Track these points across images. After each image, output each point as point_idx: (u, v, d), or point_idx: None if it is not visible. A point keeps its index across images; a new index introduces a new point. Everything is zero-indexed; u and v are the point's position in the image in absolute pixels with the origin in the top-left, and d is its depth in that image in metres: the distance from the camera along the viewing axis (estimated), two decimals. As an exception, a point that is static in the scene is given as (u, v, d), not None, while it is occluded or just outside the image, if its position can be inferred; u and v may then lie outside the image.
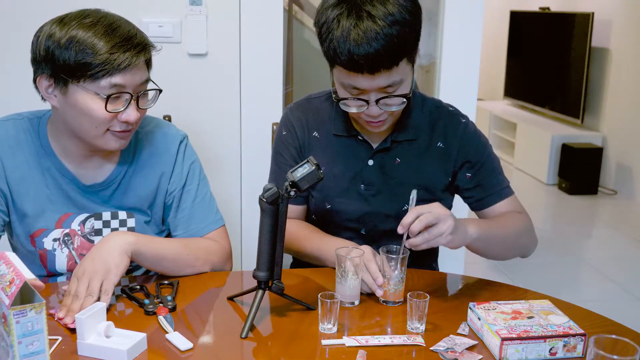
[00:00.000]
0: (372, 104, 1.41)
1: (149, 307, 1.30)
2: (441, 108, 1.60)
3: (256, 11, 2.45)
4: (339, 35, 1.33)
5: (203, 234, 1.55)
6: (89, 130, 1.38)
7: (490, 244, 1.50)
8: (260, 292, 1.29)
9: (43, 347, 1.03)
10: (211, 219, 1.57)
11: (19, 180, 1.46)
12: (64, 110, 1.38)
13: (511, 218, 1.58)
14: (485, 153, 1.59)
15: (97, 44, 1.31)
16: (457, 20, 2.58)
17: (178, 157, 1.55)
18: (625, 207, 4.87)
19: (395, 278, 1.35)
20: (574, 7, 5.62)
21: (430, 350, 1.20)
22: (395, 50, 1.34)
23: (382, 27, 1.31)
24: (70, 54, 1.31)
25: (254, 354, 1.21)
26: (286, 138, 1.62)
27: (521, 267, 3.63)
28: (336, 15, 1.34)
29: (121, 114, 1.37)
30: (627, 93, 5.01)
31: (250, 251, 2.63)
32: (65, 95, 1.35)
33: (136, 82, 1.37)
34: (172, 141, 1.56)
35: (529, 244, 1.62)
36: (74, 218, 1.50)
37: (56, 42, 1.31)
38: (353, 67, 1.35)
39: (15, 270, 1.02)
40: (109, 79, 1.32)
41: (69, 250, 1.50)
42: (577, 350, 1.19)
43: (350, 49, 1.32)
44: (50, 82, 1.36)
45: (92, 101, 1.34)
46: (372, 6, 1.32)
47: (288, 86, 2.97)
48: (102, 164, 1.49)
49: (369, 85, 1.38)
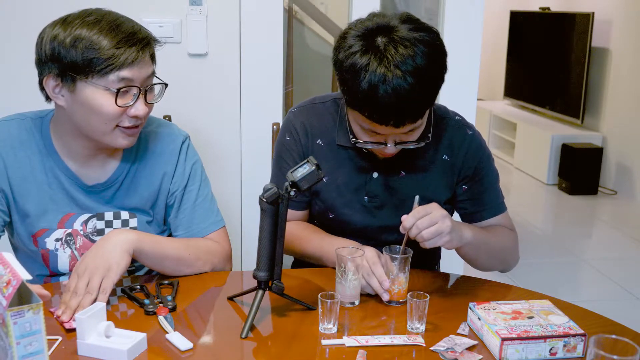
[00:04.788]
0: (390, 146, 1.40)
1: (149, 307, 1.30)
2: (448, 119, 1.56)
3: (256, 11, 2.45)
4: (366, 89, 1.29)
5: (204, 234, 1.55)
6: (98, 127, 1.38)
7: (480, 251, 1.50)
8: (260, 292, 1.29)
9: (42, 347, 1.03)
10: (212, 220, 1.57)
11: (21, 180, 1.46)
12: (72, 108, 1.38)
13: (502, 232, 1.58)
14: (486, 167, 1.57)
15: (102, 40, 1.32)
16: (457, 20, 2.58)
17: (180, 157, 1.55)
18: (625, 207, 4.87)
19: (399, 278, 1.35)
20: (574, 7, 5.62)
21: (430, 350, 1.20)
22: (422, 105, 1.33)
23: (411, 85, 1.27)
24: (76, 53, 1.31)
25: (254, 354, 1.21)
26: (289, 144, 1.59)
27: (521, 267, 3.61)
28: (363, 65, 1.29)
29: (130, 108, 1.37)
30: (627, 93, 5.01)
31: (250, 251, 2.62)
32: (74, 93, 1.35)
33: (143, 76, 1.38)
34: (174, 141, 1.56)
35: (512, 261, 1.62)
36: (76, 218, 1.50)
37: (61, 43, 1.32)
38: (378, 120, 1.32)
39: (12, 271, 1.01)
40: (117, 73, 1.33)
41: (71, 250, 1.50)
42: (577, 350, 1.19)
43: (377, 105, 1.29)
44: (57, 82, 1.36)
45: (101, 96, 1.34)
46: (399, 58, 1.28)
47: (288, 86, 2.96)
48: (105, 163, 1.49)
49: (391, 132, 1.37)
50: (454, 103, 1.64)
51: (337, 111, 1.57)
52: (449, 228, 1.32)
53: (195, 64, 2.45)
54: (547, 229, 4.56)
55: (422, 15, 2.98)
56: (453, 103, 1.64)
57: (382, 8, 2.70)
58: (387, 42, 1.30)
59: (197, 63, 2.45)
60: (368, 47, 1.30)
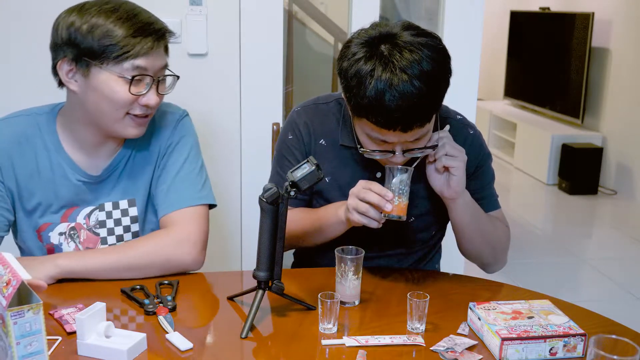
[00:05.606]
0: (398, 154, 1.40)
1: (149, 307, 1.30)
2: (449, 120, 1.56)
3: (256, 11, 2.45)
4: (373, 95, 1.29)
5: (177, 208, 1.48)
6: (109, 114, 1.39)
7: (473, 223, 1.51)
8: (260, 292, 1.29)
9: (42, 347, 1.03)
10: (190, 194, 1.49)
11: (28, 177, 1.46)
12: (85, 94, 1.38)
13: (496, 221, 1.59)
14: (486, 166, 1.59)
15: (119, 29, 1.33)
16: (457, 20, 2.58)
17: (173, 130, 1.54)
18: (625, 207, 4.87)
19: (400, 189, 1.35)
20: (574, 7, 5.62)
21: (430, 350, 1.20)
22: (430, 109, 1.33)
23: (418, 89, 1.28)
24: (93, 39, 1.33)
25: (254, 354, 1.21)
26: (292, 142, 1.59)
27: (521, 267, 3.63)
28: (368, 71, 1.29)
29: (142, 97, 1.39)
30: (627, 93, 5.01)
31: (250, 251, 2.62)
32: (87, 77, 1.36)
33: (157, 66, 1.39)
34: (170, 119, 1.55)
35: (500, 255, 1.61)
36: (80, 211, 1.50)
37: (77, 30, 1.33)
38: (385, 126, 1.32)
39: (12, 271, 1.01)
40: (132, 62, 1.35)
41: (75, 244, 1.50)
42: (577, 350, 1.19)
43: (385, 110, 1.29)
44: (71, 67, 1.37)
45: (115, 83, 1.36)
46: (405, 62, 1.28)
47: (288, 86, 2.97)
48: (112, 152, 1.50)
49: (399, 139, 1.36)
50: (454, 103, 1.64)
51: (340, 111, 1.57)
52: (464, 162, 1.41)
53: (195, 64, 2.45)
54: (547, 229, 4.56)
55: (422, 15, 2.99)
56: (453, 103, 1.64)
57: (382, 8, 2.71)
58: (391, 47, 1.30)
59: (197, 63, 2.45)
60: (372, 54, 1.31)
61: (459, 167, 1.42)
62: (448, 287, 1.51)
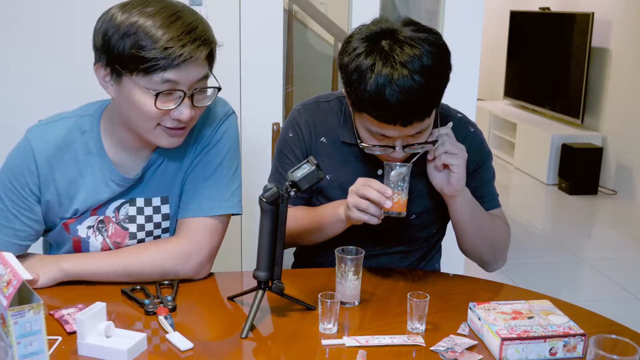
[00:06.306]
0: (398, 149, 1.40)
1: (149, 307, 1.30)
2: (450, 118, 1.56)
3: (256, 11, 2.45)
4: (373, 89, 1.29)
5: (195, 215, 1.45)
6: (140, 124, 1.34)
7: (473, 220, 1.51)
8: (260, 292, 1.29)
9: (42, 347, 1.03)
10: (213, 203, 1.45)
11: (68, 184, 1.42)
12: (119, 100, 1.34)
13: (497, 219, 1.59)
14: (486, 164, 1.59)
15: (153, 36, 1.24)
16: (457, 21, 2.58)
17: (213, 131, 1.47)
18: (625, 207, 4.87)
19: (399, 186, 1.35)
20: (574, 7, 5.62)
21: (430, 350, 1.20)
22: (430, 103, 1.34)
23: (418, 83, 1.28)
24: (125, 44, 1.25)
25: (254, 354, 1.21)
26: (293, 140, 1.59)
27: (521, 267, 3.64)
28: (369, 66, 1.30)
29: (173, 111, 1.31)
30: (627, 93, 5.01)
31: (250, 251, 2.62)
32: (120, 85, 1.31)
33: (191, 79, 1.30)
34: (213, 117, 1.48)
35: (500, 254, 1.61)
36: (109, 205, 1.46)
37: (116, 28, 1.26)
38: (385, 120, 1.33)
39: (13, 271, 1.01)
40: (162, 74, 1.26)
41: (102, 238, 1.47)
42: (577, 350, 1.19)
43: (385, 104, 1.29)
44: (106, 72, 1.32)
45: (143, 96, 1.28)
46: (405, 57, 1.29)
47: (288, 86, 2.97)
48: (151, 151, 1.45)
49: (399, 134, 1.37)
50: (454, 103, 1.64)
51: (341, 109, 1.58)
52: (464, 160, 1.41)
53: (195, 64, 2.44)
54: (547, 229, 4.56)
55: (422, 15, 2.99)
56: (453, 103, 1.64)
57: (382, 8, 2.71)
58: (392, 43, 1.31)
59: (197, 63, 2.44)
60: (373, 49, 1.32)
61: (459, 164, 1.42)
62: (448, 287, 1.51)
